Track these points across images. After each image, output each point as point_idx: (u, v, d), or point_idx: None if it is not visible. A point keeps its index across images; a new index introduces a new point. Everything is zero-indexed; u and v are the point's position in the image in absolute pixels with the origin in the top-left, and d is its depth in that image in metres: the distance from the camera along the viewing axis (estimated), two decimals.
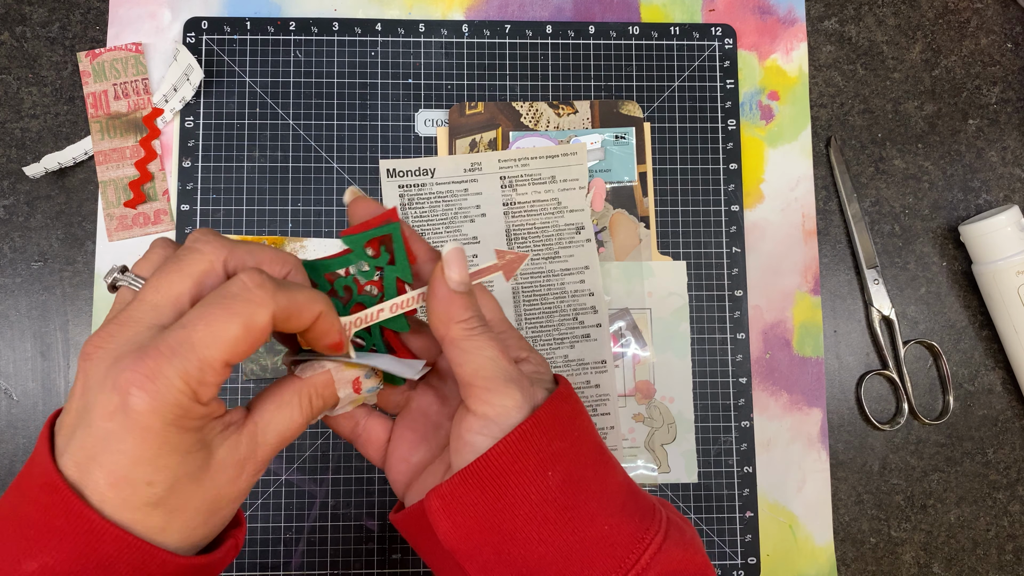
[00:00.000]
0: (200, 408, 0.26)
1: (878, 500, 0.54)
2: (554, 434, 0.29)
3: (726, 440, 0.53)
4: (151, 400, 0.24)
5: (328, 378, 0.30)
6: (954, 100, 0.58)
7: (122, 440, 0.25)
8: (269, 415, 0.29)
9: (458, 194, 0.53)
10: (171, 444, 0.25)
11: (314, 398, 0.30)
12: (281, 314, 0.27)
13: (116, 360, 0.25)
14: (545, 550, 0.28)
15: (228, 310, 0.25)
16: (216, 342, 0.25)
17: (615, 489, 0.30)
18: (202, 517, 0.27)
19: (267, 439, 0.29)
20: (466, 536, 0.29)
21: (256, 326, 0.26)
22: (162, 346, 0.25)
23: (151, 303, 0.26)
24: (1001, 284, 0.53)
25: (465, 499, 0.29)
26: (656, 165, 0.55)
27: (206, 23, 0.54)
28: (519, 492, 0.28)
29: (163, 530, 0.26)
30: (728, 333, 0.54)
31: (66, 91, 0.54)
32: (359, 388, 0.31)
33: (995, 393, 0.56)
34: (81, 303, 0.52)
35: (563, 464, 0.29)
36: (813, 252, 0.55)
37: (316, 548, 0.50)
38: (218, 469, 0.27)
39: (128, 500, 0.25)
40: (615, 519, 0.29)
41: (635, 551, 0.29)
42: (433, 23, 0.55)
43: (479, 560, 0.29)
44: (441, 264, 0.30)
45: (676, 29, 0.56)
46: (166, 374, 0.24)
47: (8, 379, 0.52)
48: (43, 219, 0.53)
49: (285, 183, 0.53)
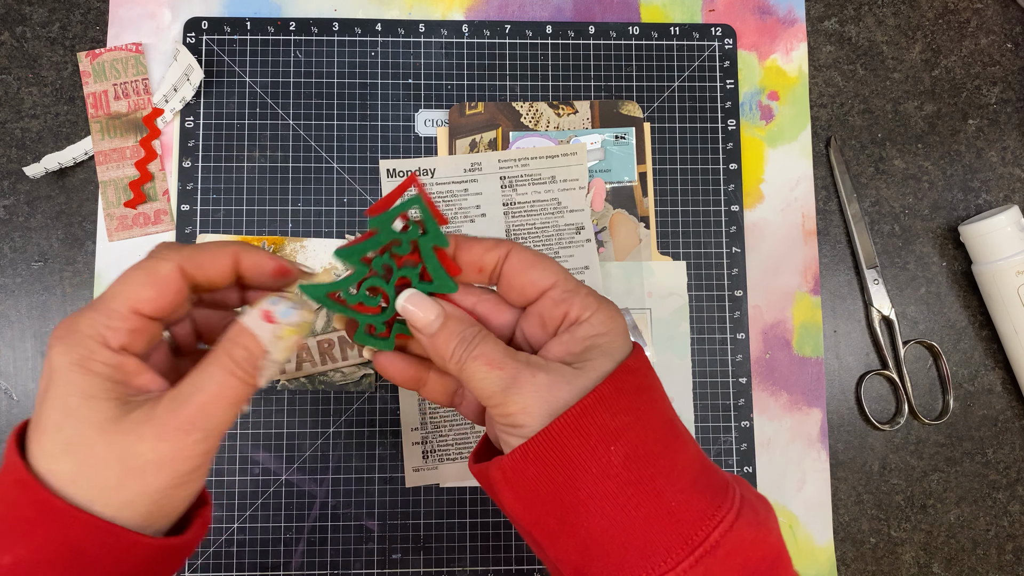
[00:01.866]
0: (108, 353, 0.28)
1: (878, 500, 0.54)
2: (617, 408, 0.29)
3: (726, 440, 0.53)
4: (62, 345, 0.27)
5: (237, 326, 0.30)
6: (954, 100, 0.58)
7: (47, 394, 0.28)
8: (189, 379, 0.29)
9: (458, 194, 0.53)
10: (74, 385, 0.27)
11: (230, 349, 0.29)
12: (190, 263, 0.30)
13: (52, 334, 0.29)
14: (608, 524, 0.28)
15: (134, 267, 0.29)
16: (121, 292, 0.29)
17: (685, 464, 0.30)
18: (113, 475, 0.27)
19: (187, 399, 0.28)
20: (528, 507, 0.29)
21: (159, 274, 0.29)
22: (82, 308, 0.29)
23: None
24: (1001, 284, 0.53)
25: (526, 473, 0.29)
26: (656, 165, 0.55)
27: (206, 23, 0.54)
28: (580, 466, 0.28)
29: (73, 481, 0.27)
30: (728, 333, 0.54)
31: (66, 91, 0.54)
32: (270, 318, 0.30)
33: (995, 393, 0.56)
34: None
35: (627, 439, 0.29)
36: (813, 252, 0.55)
37: (316, 548, 0.51)
38: (129, 427, 0.28)
39: (45, 449, 0.27)
40: (684, 495, 0.29)
41: (704, 528, 0.28)
42: (433, 23, 0.55)
43: (544, 528, 0.29)
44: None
45: (676, 29, 0.56)
46: (77, 323, 0.28)
47: (8, 379, 0.52)
48: (43, 219, 0.53)
49: (285, 183, 0.53)
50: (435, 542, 0.51)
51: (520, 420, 0.29)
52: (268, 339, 0.30)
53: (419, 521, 0.51)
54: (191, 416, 0.28)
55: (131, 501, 0.28)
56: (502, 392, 0.29)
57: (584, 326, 0.30)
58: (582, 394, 0.29)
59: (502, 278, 0.32)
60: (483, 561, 0.51)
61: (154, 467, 0.28)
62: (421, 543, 0.51)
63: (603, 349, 0.30)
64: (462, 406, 0.36)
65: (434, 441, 0.52)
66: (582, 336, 0.30)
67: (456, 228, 0.53)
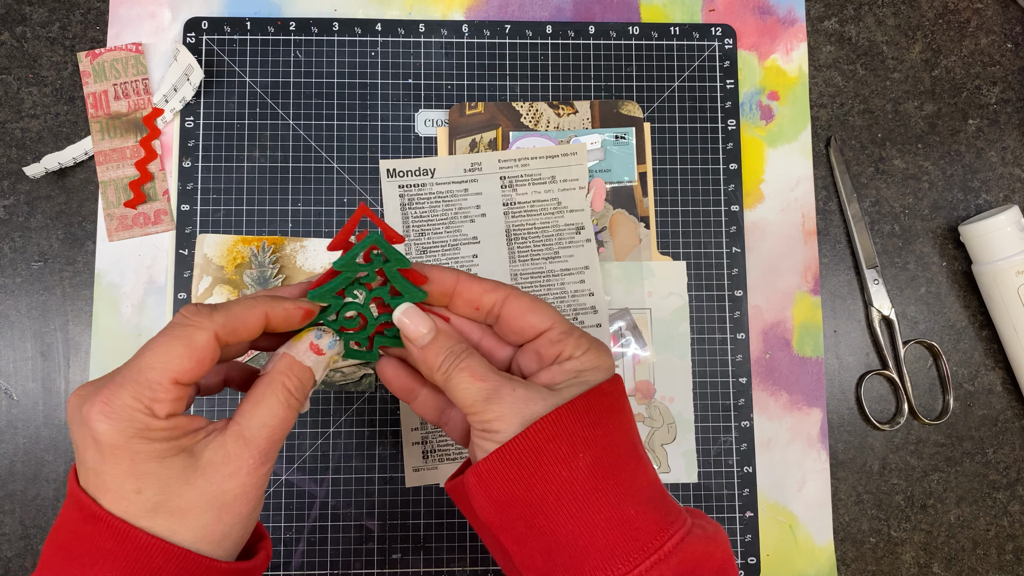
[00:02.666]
0: (160, 422, 0.29)
1: (878, 500, 0.54)
2: (587, 422, 0.31)
3: (726, 440, 0.53)
4: (110, 422, 0.28)
5: (288, 359, 0.33)
6: (954, 100, 0.58)
7: (103, 463, 0.28)
8: (249, 413, 0.31)
9: (458, 194, 0.53)
10: (142, 454, 0.28)
11: (285, 382, 0.32)
12: (224, 329, 0.30)
13: (81, 400, 0.29)
14: (573, 525, 0.30)
15: (169, 335, 0.30)
16: (161, 363, 0.29)
17: (643, 484, 0.32)
18: (211, 515, 0.29)
19: (254, 434, 0.31)
20: (500, 510, 0.31)
21: (197, 344, 0.29)
22: (117, 377, 0.29)
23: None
24: (1001, 284, 0.53)
25: (500, 475, 0.31)
26: (656, 165, 0.55)
27: (206, 23, 0.54)
28: (550, 470, 0.30)
29: (175, 531, 0.29)
30: (728, 333, 0.54)
31: (66, 91, 0.54)
32: (319, 350, 0.33)
33: (995, 393, 0.56)
34: (81, 303, 0.52)
35: (594, 451, 0.31)
36: (813, 252, 0.55)
37: (316, 548, 0.51)
38: (208, 469, 0.30)
39: (129, 512, 0.28)
40: (641, 508, 0.31)
41: (659, 539, 0.30)
42: (433, 23, 0.55)
43: (512, 532, 0.32)
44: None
45: (676, 29, 0.56)
46: (120, 397, 0.28)
47: (8, 379, 0.52)
48: (43, 219, 0.53)
49: (285, 183, 0.53)
50: (435, 542, 0.51)
51: (496, 427, 0.31)
52: (319, 368, 0.33)
53: (419, 521, 0.51)
54: (264, 449, 0.31)
55: (228, 533, 0.30)
56: (483, 401, 0.32)
57: (574, 361, 0.33)
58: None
59: (501, 320, 0.35)
60: (483, 561, 0.51)
61: (242, 499, 0.30)
62: (421, 543, 0.51)
63: (583, 379, 0.33)
64: (448, 426, 0.38)
65: (434, 441, 0.52)
66: (569, 368, 0.33)
67: (456, 228, 0.53)
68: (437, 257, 0.52)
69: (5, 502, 0.51)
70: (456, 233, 0.53)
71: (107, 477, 0.28)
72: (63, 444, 0.51)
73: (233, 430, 0.31)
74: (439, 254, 0.52)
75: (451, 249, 0.53)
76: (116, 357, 0.51)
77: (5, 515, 0.51)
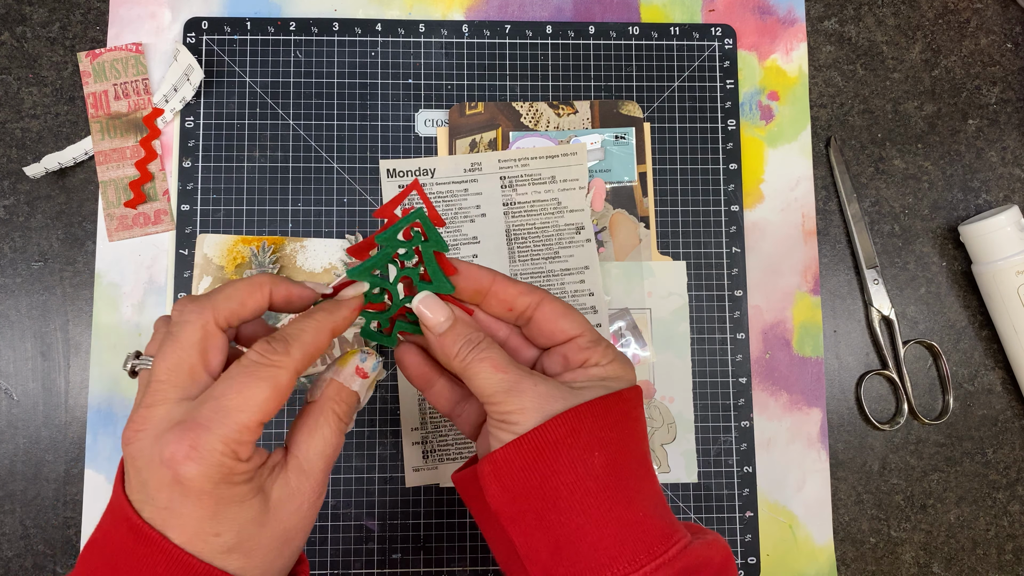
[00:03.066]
0: (243, 465, 0.29)
1: (878, 500, 0.54)
2: (605, 423, 0.32)
3: (726, 440, 0.53)
4: (199, 467, 0.28)
5: (336, 385, 0.33)
6: (954, 100, 0.58)
7: (183, 506, 0.28)
8: (305, 445, 0.32)
9: (458, 194, 0.53)
10: (226, 499, 0.28)
11: (336, 408, 0.33)
12: (303, 365, 0.31)
13: (157, 438, 0.28)
14: (583, 521, 0.31)
15: (254, 376, 0.29)
16: (248, 406, 0.29)
17: (650, 492, 0.33)
18: (276, 550, 0.30)
19: (312, 465, 0.31)
20: (512, 500, 0.32)
21: (282, 386, 0.30)
22: (200, 418, 0.28)
23: (168, 382, 0.30)
24: (1001, 284, 0.53)
25: (516, 464, 0.31)
26: (656, 165, 0.55)
27: (206, 23, 0.54)
28: (566, 464, 0.31)
29: (243, 568, 0.29)
30: (728, 333, 0.54)
31: (66, 91, 0.54)
32: (364, 373, 0.34)
33: (995, 393, 0.56)
34: (81, 303, 0.52)
35: (610, 451, 0.32)
36: (813, 252, 0.55)
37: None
38: (277, 507, 0.30)
39: (202, 552, 0.28)
40: (648, 512, 0.32)
41: (664, 543, 0.31)
42: (433, 23, 0.55)
43: (521, 524, 0.32)
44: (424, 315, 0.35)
45: (676, 29, 0.56)
46: (208, 442, 0.28)
47: (8, 379, 0.52)
48: (43, 219, 0.53)
49: (285, 183, 0.53)
50: (435, 542, 0.51)
51: (515, 418, 0.32)
52: (363, 390, 0.34)
53: (419, 521, 0.51)
54: (322, 481, 0.32)
55: (287, 566, 0.31)
56: (504, 392, 0.32)
57: (599, 368, 0.34)
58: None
59: (533, 322, 0.36)
60: (483, 561, 0.51)
61: (302, 532, 0.31)
62: (421, 543, 0.51)
63: (606, 385, 0.34)
64: (460, 418, 0.39)
65: (434, 441, 0.52)
66: (594, 375, 0.34)
67: (456, 228, 0.53)
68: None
69: (5, 502, 0.51)
70: (456, 233, 0.53)
71: (185, 519, 0.28)
72: (63, 444, 0.51)
73: (293, 464, 0.31)
74: None
75: (451, 249, 0.53)
76: (116, 357, 0.51)
77: (5, 515, 0.51)
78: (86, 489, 0.50)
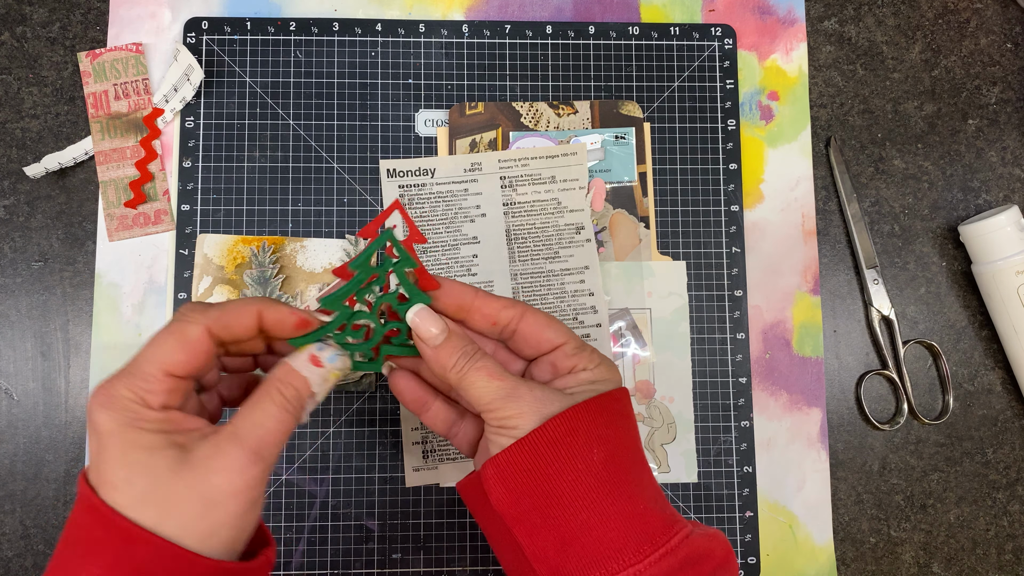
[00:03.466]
0: (152, 412, 0.30)
1: (878, 500, 0.54)
2: (601, 421, 0.34)
3: (726, 440, 0.53)
4: (105, 411, 0.30)
5: (286, 367, 0.33)
6: (954, 100, 0.58)
7: (100, 452, 0.30)
8: (243, 414, 0.32)
9: (458, 194, 0.53)
10: (132, 442, 0.30)
11: (281, 388, 0.33)
12: (218, 324, 0.32)
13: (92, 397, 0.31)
14: (587, 516, 0.32)
15: (167, 330, 0.32)
16: (154, 356, 0.31)
17: (647, 485, 0.34)
18: (196, 509, 0.30)
19: (247, 432, 0.31)
20: (515, 501, 0.33)
21: (189, 338, 0.31)
22: (116, 372, 0.31)
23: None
24: (1001, 284, 0.53)
25: (518, 465, 0.32)
26: (656, 165, 0.55)
27: (206, 23, 0.54)
28: (567, 462, 0.32)
29: (160, 523, 0.29)
30: (728, 333, 0.54)
31: (66, 91, 0.54)
32: (317, 361, 0.34)
33: (995, 393, 0.56)
34: (81, 303, 0.52)
35: (607, 447, 0.33)
36: (813, 252, 0.55)
37: (316, 548, 0.51)
38: (197, 464, 0.30)
39: (119, 501, 0.29)
40: (649, 504, 0.33)
41: (666, 534, 0.32)
42: (433, 23, 0.55)
43: (527, 524, 0.33)
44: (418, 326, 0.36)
45: (676, 29, 0.56)
46: (116, 388, 0.30)
47: (8, 379, 0.52)
48: (43, 219, 0.53)
49: (285, 183, 0.53)
50: (435, 542, 0.51)
51: (514, 423, 0.33)
52: (315, 381, 0.34)
53: (419, 521, 0.51)
54: (256, 448, 0.31)
55: (215, 531, 0.30)
56: (501, 399, 0.33)
57: (587, 373, 0.36)
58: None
59: (518, 335, 0.37)
60: (483, 561, 0.51)
61: (231, 497, 0.30)
62: (421, 543, 0.51)
63: (595, 388, 0.35)
64: (457, 437, 0.40)
65: (434, 441, 0.52)
66: (583, 379, 0.36)
67: (456, 228, 0.53)
68: (437, 257, 0.53)
69: (5, 502, 0.51)
70: (456, 233, 0.53)
71: (104, 467, 0.30)
72: (63, 444, 0.51)
73: (227, 430, 0.31)
74: (439, 254, 0.53)
75: (451, 249, 0.53)
76: (116, 357, 0.51)
77: (5, 515, 0.51)
78: None
